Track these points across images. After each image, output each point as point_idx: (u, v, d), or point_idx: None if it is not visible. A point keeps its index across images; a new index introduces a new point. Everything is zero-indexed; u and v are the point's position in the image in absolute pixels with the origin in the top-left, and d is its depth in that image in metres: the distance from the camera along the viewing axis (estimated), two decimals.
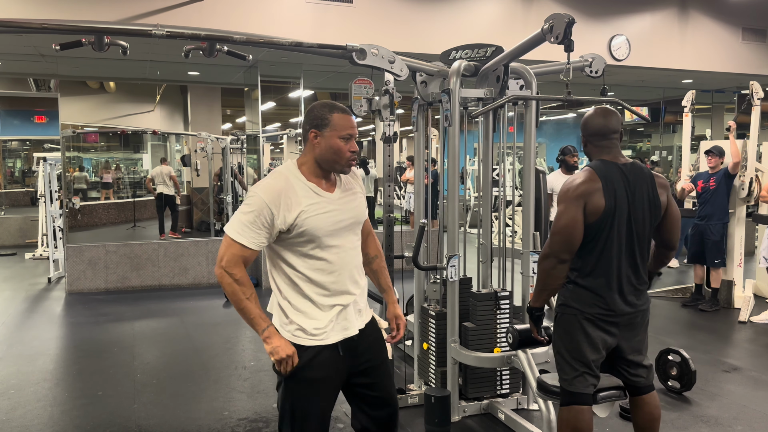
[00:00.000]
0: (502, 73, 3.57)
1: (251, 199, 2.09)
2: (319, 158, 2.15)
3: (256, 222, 2.06)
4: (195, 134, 10.69)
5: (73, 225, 8.51)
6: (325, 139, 2.13)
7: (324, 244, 2.14)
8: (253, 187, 2.16)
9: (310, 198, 2.12)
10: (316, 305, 2.16)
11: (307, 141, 2.18)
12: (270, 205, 2.06)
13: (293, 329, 2.15)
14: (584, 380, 2.59)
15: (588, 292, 2.57)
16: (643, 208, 2.59)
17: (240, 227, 2.08)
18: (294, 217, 2.08)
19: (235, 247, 2.08)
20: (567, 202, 2.54)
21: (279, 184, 2.11)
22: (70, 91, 9.60)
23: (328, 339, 2.16)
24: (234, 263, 2.08)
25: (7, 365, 4.75)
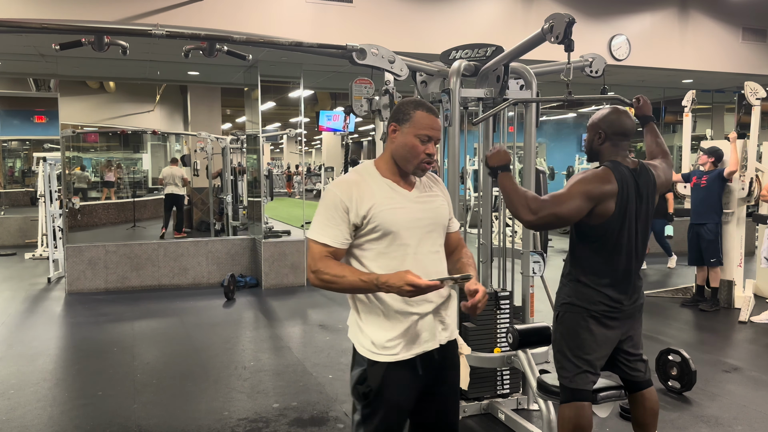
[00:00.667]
0: (502, 73, 3.57)
1: (325, 196, 2.02)
2: (394, 154, 2.06)
3: (333, 218, 1.98)
4: (195, 134, 10.70)
5: (73, 225, 8.51)
6: (403, 135, 2.03)
7: (399, 241, 2.01)
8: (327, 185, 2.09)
9: (383, 192, 2.02)
10: (390, 313, 2.01)
11: (388, 136, 2.09)
12: (343, 198, 1.97)
13: (366, 343, 2.03)
14: (585, 377, 2.60)
15: (593, 290, 2.58)
16: (648, 210, 2.64)
17: (319, 227, 1.99)
18: (366, 209, 1.97)
19: (317, 248, 1.99)
20: (581, 194, 2.48)
21: (352, 178, 2.04)
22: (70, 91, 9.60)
23: (403, 352, 2.01)
24: (318, 261, 1.97)
25: (7, 365, 4.75)
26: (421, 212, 2.06)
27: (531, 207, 2.48)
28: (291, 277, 7.67)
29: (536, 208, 2.48)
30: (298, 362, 4.78)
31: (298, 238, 7.84)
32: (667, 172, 2.82)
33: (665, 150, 2.95)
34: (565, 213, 2.48)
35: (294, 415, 3.79)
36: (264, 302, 6.88)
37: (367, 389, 2.02)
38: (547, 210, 2.47)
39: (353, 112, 3.69)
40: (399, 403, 2.03)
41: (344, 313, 6.29)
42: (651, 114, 3.04)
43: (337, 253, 1.99)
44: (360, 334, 2.07)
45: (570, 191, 2.50)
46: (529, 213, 2.48)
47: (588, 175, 2.54)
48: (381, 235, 2.00)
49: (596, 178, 2.52)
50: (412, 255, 2.02)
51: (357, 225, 1.99)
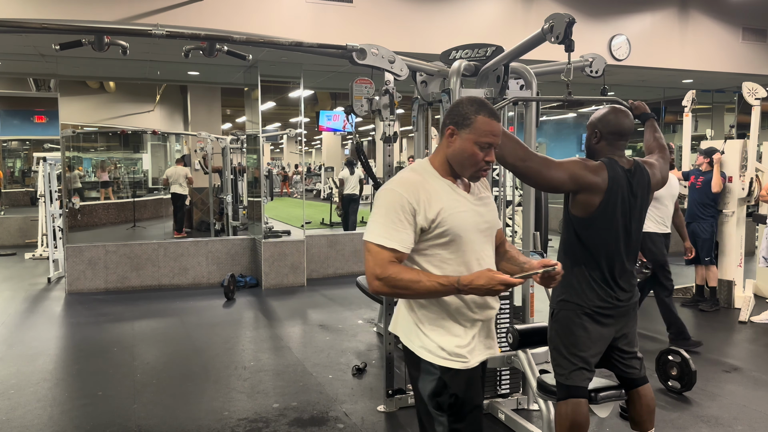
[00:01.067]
0: (502, 73, 3.57)
1: (386, 197, 1.88)
2: (449, 157, 1.96)
3: (401, 221, 1.84)
4: (195, 134, 10.70)
5: (73, 225, 8.51)
6: (462, 141, 1.92)
7: (465, 247, 1.93)
8: (383, 186, 1.94)
9: (448, 194, 1.93)
10: (458, 320, 1.93)
11: (443, 135, 1.98)
12: (410, 200, 1.85)
13: (432, 347, 1.91)
14: (581, 374, 2.61)
15: (585, 287, 2.59)
16: (642, 209, 2.67)
17: (384, 230, 1.84)
18: (435, 212, 1.87)
19: (384, 253, 1.83)
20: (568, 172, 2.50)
21: (414, 177, 1.93)
22: (70, 91, 9.59)
23: (472, 359, 1.94)
24: (386, 267, 1.82)
25: (7, 365, 4.75)
26: (481, 215, 2.00)
27: (518, 153, 2.49)
28: (291, 277, 7.67)
29: (524, 156, 2.49)
30: (298, 362, 4.78)
31: (298, 238, 7.84)
32: (663, 170, 2.84)
33: (662, 144, 2.98)
34: (547, 176, 2.50)
35: (294, 415, 3.79)
36: (264, 302, 6.88)
37: (452, 399, 1.91)
38: (533, 164, 2.49)
39: (353, 112, 3.69)
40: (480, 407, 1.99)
41: (344, 313, 6.30)
42: (648, 111, 3.07)
43: (402, 258, 1.87)
44: (424, 339, 1.93)
45: (561, 163, 2.53)
46: (516, 158, 2.48)
47: (582, 161, 2.59)
48: (449, 241, 1.90)
49: (587, 167, 2.56)
50: (476, 260, 1.96)
51: (424, 229, 1.88)
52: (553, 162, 2.52)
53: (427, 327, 1.93)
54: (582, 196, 2.55)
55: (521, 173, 2.54)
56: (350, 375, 4.48)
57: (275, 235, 7.82)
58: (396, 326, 2.04)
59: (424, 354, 1.92)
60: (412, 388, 2.01)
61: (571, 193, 2.59)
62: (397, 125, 3.79)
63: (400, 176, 1.95)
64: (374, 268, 1.83)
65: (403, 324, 2.00)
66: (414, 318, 1.95)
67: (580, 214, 2.58)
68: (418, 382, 1.97)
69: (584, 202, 2.56)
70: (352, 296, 6.90)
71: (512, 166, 2.53)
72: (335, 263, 8.21)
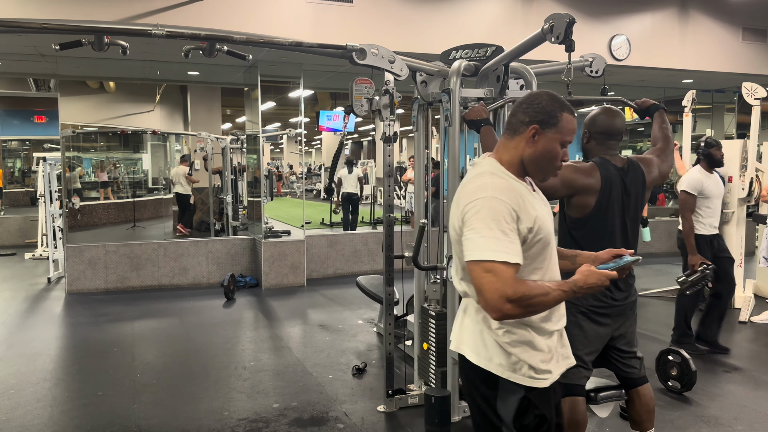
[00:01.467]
0: (502, 73, 3.57)
1: (490, 206, 1.67)
2: (527, 159, 1.80)
3: (512, 230, 1.67)
4: (195, 134, 10.70)
5: (73, 225, 8.51)
6: (546, 141, 1.77)
7: (552, 252, 1.82)
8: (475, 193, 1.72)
9: (532, 198, 1.79)
10: (539, 333, 1.78)
11: (520, 134, 1.80)
12: (514, 207, 1.69)
13: (518, 365, 1.76)
14: (578, 372, 2.61)
15: None
16: (636, 206, 2.70)
17: (499, 245, 1.64)
18: (533, 219, 1.73)
19: (508, 271, 1.63)
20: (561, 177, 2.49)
21: (503, 182, 1.75)
22: (70, 91, 9.59)
23: (554, 372, 1.82)
24: (516, 286, 1.63)
25: (7, 365, 4.75)
26: (552, 216, 1.89)
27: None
28: (291, 277, 7.67)
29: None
30: (298, 362, 4.78)
31: (298, 238, 7.84)
32: (662, 166, 2.85)
33: (667, 135, 2.99)
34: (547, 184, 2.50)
35: (294, 415, 3.79)
36: (264, 302, 6.88)
37: (537, 419, 1.78)
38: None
39: (353, 112, 3.69)
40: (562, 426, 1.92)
41: (344, 313, 6.30)
42: (655, 103, 3.08)
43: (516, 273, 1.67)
44: (506, 358, 1.76)
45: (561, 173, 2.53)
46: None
47: (574, 165, 2.60)
48: (542, 248, 1.78)
49: (579, 169, 2.58)
50: (555, 264, 1.86)
51: (524, 238, 1.72)
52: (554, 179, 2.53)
53: (510, 344, 1.76)
54: (577, 199, 2.57)
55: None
56: (350, 375, 4.48)
57: (275, 235, 7.82)
58: (461, 345, 1.86)
59: (507, 373, 1.76)
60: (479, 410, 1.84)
61: (567, 197, 2.61)
62: (397, 125, 3.79)
63: (490, 181, 1.74)
64: (504, 290, 1.61)
65: (473, 342, 1.82)
66: (492, 335, 1.77)
67: (576, 215, 2.60)
68: (494, 402, 1.79)
69: (580, 203, 2.57)
70: (352, 296, 6.90)
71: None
72: (335, 263, 8.21)
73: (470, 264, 1.67)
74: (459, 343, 1.88)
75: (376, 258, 8.32)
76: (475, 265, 1.65)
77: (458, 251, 1.80)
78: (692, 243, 4.62)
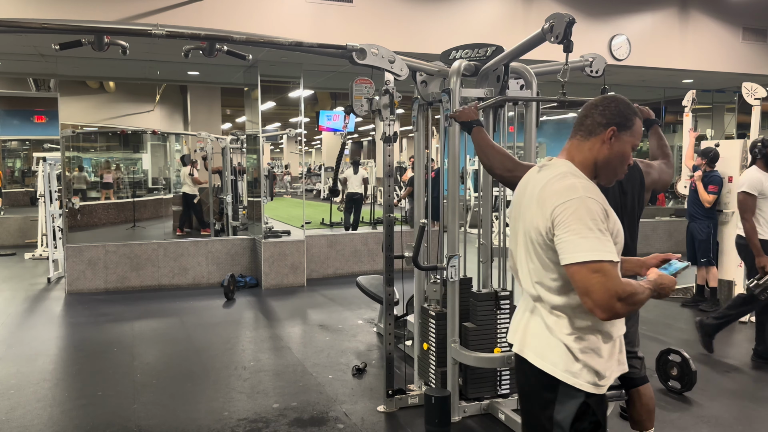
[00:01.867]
0: (502, 73, 3.57)
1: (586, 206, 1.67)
2: (601, 160, 1.82)
3: (607, 229, 1.69)
4: (195, 134, 10.70)
5: (73, 225, 8.50)
6: (621, 143, 1.80)
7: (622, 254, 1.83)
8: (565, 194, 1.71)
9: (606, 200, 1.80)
10: (605, 337, 1.78)
11: (596, 135, 1.81)
12: (603, 206, 1.71)
13: (583, 372, 1.75)
14: None
15: None
16: (633, 205, 2.73)
17: (601, 244, 1.64)
18: (614, 219, 1.76)
19: (614, 270, 1.64)
20: None
21: (590, 183, 1.77)
22: (70, 90, 9.58)
23: (611, 379, 1.81)
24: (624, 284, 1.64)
25: (7, 365, 4.75)
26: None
27: (506, 164, 2.54)
28: (291, 277, 7.67)
29: (511, 167, 2.53)
30: (298, 362, 4.78)
31: (298, 238, 7.83)
32: (663, 172, 2.85)
33: (666, 153, 2.99)
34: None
35: (294, 415, 3.79)
36: (264, 302, 6.88)
37: (592, 425, 1.79)
38: (521, 173, 2.50)
39: (353, 112, 3.69)
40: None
41: (344, 313, 6.30)
42: (653, 117, 3.08)
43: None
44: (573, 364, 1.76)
45: None
46: (503, 169, 2.54)
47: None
48: (620, 247, 1.79)
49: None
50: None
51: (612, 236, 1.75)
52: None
53: (580, 350, 1.75)
54: None
55: (510, 183, 2.59)
56: (350, 375, 4.48)
57: (275, 235, 7.82)
58: (525, 347, 1.86)
59: (571, 379, 1.75)
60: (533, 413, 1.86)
61: None
62: (397, 125, 3.79)
63: (577, 182, 1.74)
64: (615, 289, 1.61)
65: (539, 346, 1.82)
66: (563, 341, 1.77)
67: None
68: (552, 407, 1.79)
69: None
70: (352, 296, 6.90)
71: (501, 177, 2.58)
72: (335, 263, 8.20)
73: (574, 266, 1.65)
74: (522, 346, 1.88)
75: (376, 258, 8.32)
76: (581, 267, 1.64)
77: (538, 253, 1.79)
78: (757, 244, 4.46)
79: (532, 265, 1.82)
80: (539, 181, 1.83)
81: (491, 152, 2.58)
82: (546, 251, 1.75)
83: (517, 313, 1.97)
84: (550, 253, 1.74)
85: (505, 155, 2.58)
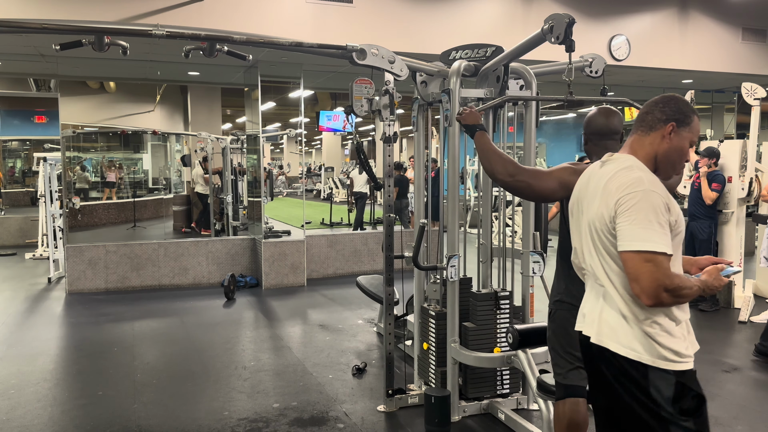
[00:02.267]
0: (502, 73, 3.57)
1: (649, 199, 1.77)
2: (661, 155, 1.91)
3: (667, 221, 1.78)
4: (195, 134, 10.70)
5: (73, 225, 8.51)
6: (680, 139, 1.90)
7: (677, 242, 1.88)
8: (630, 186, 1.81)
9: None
10: (675, 321, 1.85)
11: (656, 130, 1.91)
12: (666, 200, 1.79)
13: (667, 354, 1.82)
14: (579, 373, 2.61)
15: (579, 286, 2.58)
16: None
17: (657, 236, 1.74)
18: (676, 213, 1.84)
19: (666, 261, 1.74)
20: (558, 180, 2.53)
21: (654, 177, 1.85)
22: (70, 91, 9.60)
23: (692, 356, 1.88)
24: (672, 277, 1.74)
25: (7, 365, 4.75)
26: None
27: (508, 169, 2.55)
28: (291, 277, 7.67)
29: (513, 171, 2.54)
30: (298, 362, 4.78)
31: (298, 238, 7.84)
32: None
33: None
34: (537, 188, 2.55)
35: (294, 415, 3.79)
36: (264, 302, 6.88)
37: (696, 399, 1.88)
38: (524, 177, 2.54)
39: (353, 112, 3.70)
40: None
41: (344, 313, 6.30)
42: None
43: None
44: (657, 348, 1.82)
45: (550, 172, 2.57)
46: (506, 174, 2.55)
47: (572, 166, 2.60)
48: (679, 240, 1.87)
49: (576, 171, 2.57)
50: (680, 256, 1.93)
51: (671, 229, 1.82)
52: (542, 173, 2.56)
53: (656, 333, 1.82)
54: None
55: (512, 188, 2.59)
56: (350, 375, 4.49)
57: (275, 235, 7.83)
58: (603, 337, 1.90)
59: (657, 362, 1.82)
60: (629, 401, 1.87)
61: (565, 199, 2.59)
62: (397, 125, 3.79)
63: (644, 175, 1.83)
64: (663, 280, 1.72)
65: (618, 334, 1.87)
66: (639, 326, 1.84)
67: None
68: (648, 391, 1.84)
69: None
70: (352, 296, 6.90)
71: (503, 182, 2.58)
72: (335, 263, 8.21)
73: (628, 253, 1.76)
74: (600, 335, 1.92)
75: (376, 258, 8.33)
76: (634, 255, 1.75)
77: (605, 244, 1.88)
78: None
79: (603, 257, 1.91)
80: (604, 175, 1.93)
81: (494, 157, 2.58)
82: (612, 241, 1.85)
83: (585, 304, 2.03)
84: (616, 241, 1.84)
85: (508, 160, 2.58)
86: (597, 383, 2.00)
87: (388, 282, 3.82)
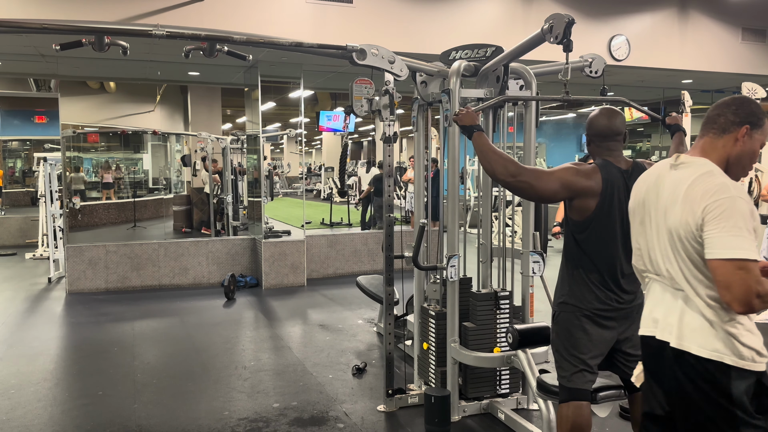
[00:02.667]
0: (502, 73, 3.58)
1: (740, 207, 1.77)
2: (734, 157, 1.91)
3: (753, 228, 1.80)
4: (195, 134, 10.70)
5: (74, 225, 8.51)
6: (752, 141, 1.91)
7: None
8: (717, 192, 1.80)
9: None
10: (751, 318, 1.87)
11: (729, 133, 1.91)
12: (751, 206, 1.81)
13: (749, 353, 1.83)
14: (583, 376, 2.60)
15: (584, 289, 2.58)
16: None
17: (749, 243, 1.76)
18: (757, 218, 1.87)
19: (757, 269, 1.74)
20: (560, 180, 2.52)
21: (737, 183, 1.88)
22: (70, 91, 9.60)
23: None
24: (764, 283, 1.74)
25: (7, 365, 4.75)
26: None
27: (509, 169, 2.53)
28: (291, 277, 7.67)
29: (515, 171, 2.53)
30: (298, 362, 4.79)
31: (298, 238, 7.84)
32: None
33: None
34: (539, 188, 2.53)
35: (294, 414, 3.80)
36: (264, 302, 6.89)
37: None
38: (525, 178, 2.53)
39: (353, 112, 3.70)
40: None
41: (344, 312, 6.30)
42: (680, 125, 3.17)
43: None
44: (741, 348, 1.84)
45: (553, 173, 2.55)
46: (507, 174, 2.53)
47: (575, 167, 2.59)
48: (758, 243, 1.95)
49: (580, 172, 2.56)
50: None
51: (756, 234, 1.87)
52: (544, 173, 2.54)
53: (740, 334, 1.84)
54: (578, 202, 2.55)
55: (514, 188, 2.58)
56: (350, 375, 4.49)
57: (275, 235, 7.83)
58: (684, 341, 1.90)
59: (740, 362, 1.83)
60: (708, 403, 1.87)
61: (567, 200, 2.60)
62: (397, 125, 3.80)
63: (728, 182, 1.84)
64: (755, 287, 1.72)
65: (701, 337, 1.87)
66: (724, 328, 1.84)
67: (577, 218, 2.58)
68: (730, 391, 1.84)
69: (580, 206, 2.55)
70: (352, 296, 6.90)
71: (504, 183, 2.57)
72: (335, 263, 8.21)
73: (719, 261, 1.76)
74: (681, 339, 1.91)
75: (376, 258, 8.33)
76: (726, 263, 1.75)
77: (688, 251, 1.88)
78: None
79: (685, 263, 1.90)
80: (682, 180, 1.91)
81: (493, 157, 2.57)
82: (699, 247, 1.84)
83: (656, 309, 2.02)
84: (702, 249, 1.83)
85: (508, 160, 2.56)
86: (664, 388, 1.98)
87: (388, 282, 3.82)
